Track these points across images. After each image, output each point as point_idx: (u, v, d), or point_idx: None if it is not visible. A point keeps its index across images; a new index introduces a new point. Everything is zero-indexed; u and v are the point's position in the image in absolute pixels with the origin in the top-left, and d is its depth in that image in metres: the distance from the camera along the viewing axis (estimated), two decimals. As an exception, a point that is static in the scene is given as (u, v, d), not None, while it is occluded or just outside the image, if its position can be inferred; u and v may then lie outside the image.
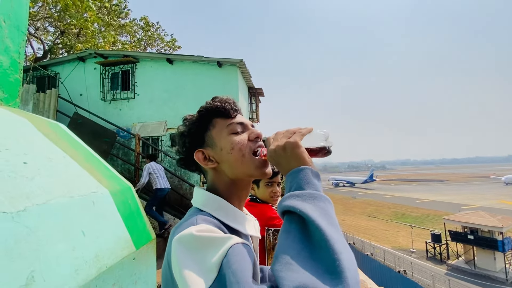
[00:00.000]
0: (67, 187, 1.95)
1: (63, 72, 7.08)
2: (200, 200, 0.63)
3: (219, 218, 0.58)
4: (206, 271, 0.41)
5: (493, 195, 50.14)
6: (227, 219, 0.60)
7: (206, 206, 0.61)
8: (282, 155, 0.53)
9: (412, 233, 25.54)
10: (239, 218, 0.63)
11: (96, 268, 1.85)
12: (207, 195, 0.63)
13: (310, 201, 0.44)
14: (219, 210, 0.61)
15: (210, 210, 0.60)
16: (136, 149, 5.39)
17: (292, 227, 0.42)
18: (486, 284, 16.66)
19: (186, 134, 0.68)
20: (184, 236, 0.47)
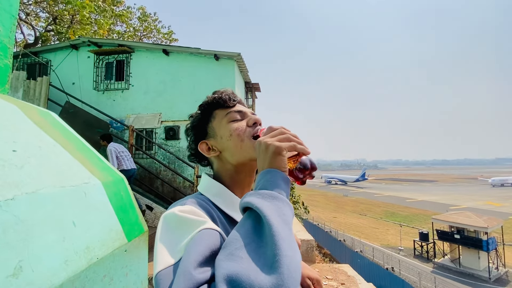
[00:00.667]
0: (58, 177, 1.91)
1: (55, 59, 6.89)
2: (202, 185, 0.67)
3: (216, 203, 0.61)
4: (176, 251, 0.45)
5: (480, 196, 51.41)
6: (224, 205, 0.62)
7: (206, 191, 0.65)
8: (263, 151, 0.53)
9: (401, 231, 26.04)
10: (236, 205, 0.64)
11: (86, 259, 1.83)
12: (209, 181, 0.67)
13: (269, 200, 0.44)
14: (217, 196, 0.63)
15: (209, 195, 0.63)
16: (129, 141, 5.31)
17: (247, 221, 0.43)
18: (470, 282, 17.16)
19: (190, 128, 0.74)
20: (168, 214, 0.52)
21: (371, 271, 15.94)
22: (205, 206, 0.56)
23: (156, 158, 5.74)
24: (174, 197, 5.82)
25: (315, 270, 0.69)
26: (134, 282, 2.44)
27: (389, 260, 16.67)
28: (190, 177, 5.75)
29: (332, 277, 4.47)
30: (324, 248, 22.22)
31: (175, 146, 6.24)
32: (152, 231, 4.63)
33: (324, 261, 18.09)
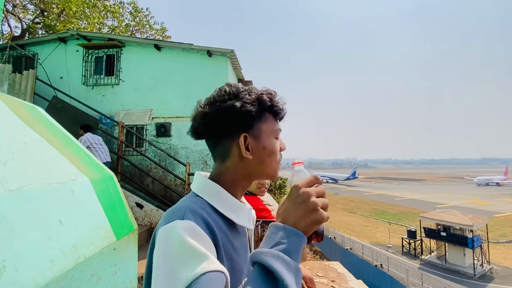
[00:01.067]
0: (44, 174, 1.85)
1: (42, 53, 6.68)
2: (197, 185, 0.64)
3: (213, 205, 0.59)
4: (174, 282, 0.44)
5: (466, 195, 52.90)
6: (221, 206, 0.60)
7: (202, 192, 0.61)
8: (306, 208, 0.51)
9: (390, 229, 26.56)
10: (234, 207, 0.63)
11: (73, 258, 1.78)
12: (204, 181, 0.63)
13: (294, 274, 0.45)
14: (215, 197, 0.61)
15: (205, 196, 0.60)
16: (119, 137, 5.21)
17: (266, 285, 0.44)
18: (455, 278, 17.67)
19: (239, 107, 0.60)
20: (170, 231, 0.49)
21: (361, 268, 16.23)
22: (205, 219, 0.53)
23: (147, 155, 5.66)
24: (164, 195, 5.75)
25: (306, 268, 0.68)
26: (123, 281, 2.40)
27: (378, 257, 16.99)
28: (181, 174, 5.70)
29: (323, 274, 4.52)
30: (315, 246, 22.47)
31: (166, 143, 6.16)
32: (141, 230, 4.57)
33: (315, 258, 18.30)
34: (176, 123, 6.17)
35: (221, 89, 0.64)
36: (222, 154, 0.64)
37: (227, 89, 0.63)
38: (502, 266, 20.13)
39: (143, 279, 2.22)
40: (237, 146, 0.61)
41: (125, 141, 5.90)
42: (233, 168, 0.64)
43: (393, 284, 13.66)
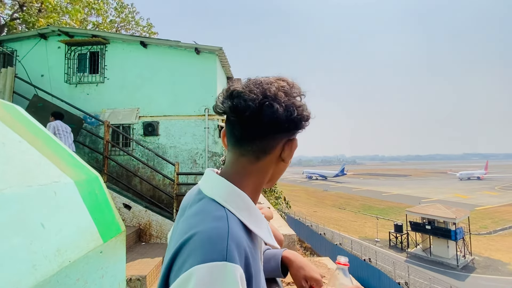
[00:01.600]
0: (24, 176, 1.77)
1: (21, 49, 6.39)
2: (221, 192, 0.55)
3: (242, 219, 0.52)
4: None
5: (449, 190, 54.84)
6: (250, 222, 0.54)
7: (229, 202, 0.53)
8: None
9: (378, 224, 27.20)
10: (260, 221, 0.57)
11: (57, 263, 1.71)
12: (232, 189, 0.55)
13: None
14: (244, 211, 0.54)
15: (234, 209, 0.53)
16: (105, 137, 5.07)
17: None
18: (440, 270, 18.31)
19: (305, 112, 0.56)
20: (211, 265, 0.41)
21: (350, 262, 16.45)
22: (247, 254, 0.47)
23: (134, 155, 5.54)
24: (153, 195, 5.65)
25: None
26: (110, 284, 2.34)
27: (366, 251, 17.37)
28: (170, 174, 5.61)
29: (313, 270, 4.57)
30: (305, 242, 22.75)
31: (154, 143, 6.04)
32: (129, 231, 4.47)
33: (305, 254, 18.51)
34: (164, 122, 6.06)
35: (293, 84, 0.58)
36: (262, 150, 0.56)
37: (296, 84, 0.58)
38: (483, 257, 21.04)
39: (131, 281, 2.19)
40: (281, 147, 0.57)
41: (111, 140, 5.75)
42: (264, 170, 0.58)
43: (381, 277, 14.02)
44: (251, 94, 0.53)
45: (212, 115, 5.98)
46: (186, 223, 0.51)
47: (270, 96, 0.53)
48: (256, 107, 0.52)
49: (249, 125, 0.54)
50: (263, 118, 0.53)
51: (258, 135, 0.55)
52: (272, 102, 0.52)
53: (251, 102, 0.52)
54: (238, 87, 0.55)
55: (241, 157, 0.57)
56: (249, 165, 0.57)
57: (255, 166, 0.57)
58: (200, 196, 0.56)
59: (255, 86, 0.54)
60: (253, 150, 0.56)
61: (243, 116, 0.53)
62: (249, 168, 0.57)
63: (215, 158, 5.91)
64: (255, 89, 0.54)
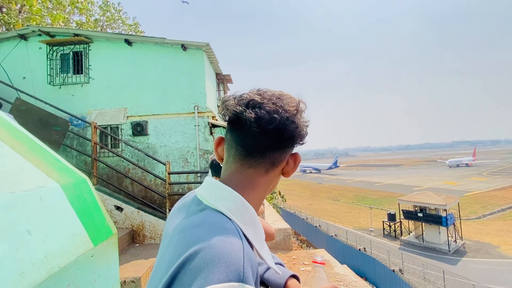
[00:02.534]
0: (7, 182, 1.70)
1: (1, 51, 6.13)
2: (228, 204, 0.51)
3: (248, 236, 0.49)
4: None
5: (439, 177, 56.16)
6: (255, 239, 0.51)
7: (236, 215, 0.50)
8: None
9: (371, 213, 27.70)
10: (263, 239, 0.54)
11: (46, 269, 1.67)
12: (241, 201, 0.52)
13: None
14: (250, 226, 0.51)
15: (240, 222, 0.49)
16: (92, 138, 4.96)
17: None
18: (432, 255, 18.82)
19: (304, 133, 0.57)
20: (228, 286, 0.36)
21: (346, 253, 16.84)
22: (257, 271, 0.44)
23: (124, 156, 5.45)
24: (145, 196, 5.59)
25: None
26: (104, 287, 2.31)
27: (361, 241, 17.67)
28: (161, 174, 5.55)
29: (309, 262, 4.62)
30: (300, 235, 22.99)
31: (143, 143, 5.95)
32: (122, 233, 4.41)
33: (301, 247, 18.72)
34: (153, 121, 5.96)
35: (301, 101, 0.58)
36: (271, 163, 0.55)
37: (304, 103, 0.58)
38: (473, 241, 21.72)
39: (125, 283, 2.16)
40: (286, 160, 0.58)
41: (100, 142, 5.64)
42: (269, 183, 0.58)
43: (376, 265, 14.33)
44: (274, 106, 0.52)
45: (202, 112, 5.91)
46: (185, 235, 0.45)
47: (290, 111, 0.53)
48: (281, 121, 0.51)
49: (268, 138, 0.52)
50: (285, 133, 0.52)
51: (273, 149, 0.54)
52: (293, 119, 0.53)
53: (276, 115, 0.51)
54: (256, 98, 0.53)
55: (249, 169, 0.55)
56: (258, 177, 0.55)
57: (263, 178, 0.56)
58: (201, 207, 0.52)
59: (276, 99, 0.53)
60: (264, 162, 0.55)
61: (267, 128, 0.51)
62: (257, 180, 0.55)
63: (206, 156, 5.87)
64: (277, 101, 0.53)
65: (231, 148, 0.56)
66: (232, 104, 0.54)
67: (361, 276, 13.25)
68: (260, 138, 0.52)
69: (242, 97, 0.55)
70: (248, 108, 0.52)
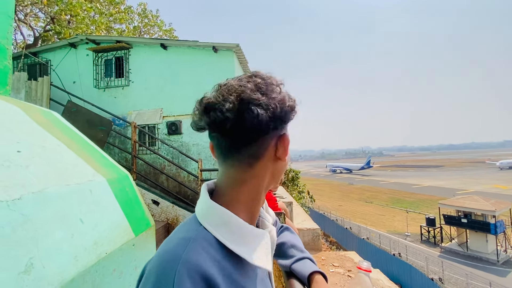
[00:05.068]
0: (63, 176, 1.93)
1: (55, 59, 6.89)
2: (200, 209, 0.53)
3: (219, 238, 0.48)
4: None
5: (487, 180, 51.03)
6: (230, 239, 0.48)
7: (206, 220, 0.50)
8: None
9: (407, 217, 26.09)
10: (247, 237, 0.51)
11: (95, 254, 1.87)
12: (208, 205, 0.52)
13: None
14: (222, 227, 0.49)
15: (210, 226, 0.49)
16: (132, 137, 5.35)
17: None
18: (478, 265, 17.22)
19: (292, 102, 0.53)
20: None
21: (378, 257, 16.08)
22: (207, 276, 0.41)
23: (160, 154, 5.79)
24: (179, 191, 5.88)
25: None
26: (143, 275, 2.50)
27: (395, 246, 16.77)
28: (194, 171, 5.80)
29: (339, 264, 4.52)
30: (330, 236, 22.42)
31: (177, 141, 6.27)
32: (158, 225, 4.69)
33: (331, 249, 18.29)
34: (186, 121, 6.25)
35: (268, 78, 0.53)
36: (252, 156, 0.52)
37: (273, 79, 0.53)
38: (528, 252, 19.45)
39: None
40: (273, 147, 0.54)
41: (138, 140, 6.05)
42: (260, 175, 0.54)
43: (412, 272, 13.49)
44: (226, 103, 0.49)
45: (232, 112, 6.08)
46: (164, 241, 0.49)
47: (246, 100, 0.48)
48: (235, 117, 0.48)
49: (233, 136, 0.50)
50: (245, 126, 0.49)
51: (245, 144, 0.51)
52: (251, 107, 0.48)
53: (229, 112, 0.48)
54: (211, 98, 0.52)
55: (231, 168, 0.54)
56: (242, 174, 0.53)
57: (248, 173, 0.53)
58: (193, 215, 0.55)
59: (228, 93, 0.50)
60: (243, 158, 0.52)
61: (224, 129, 0.50)
62: (241, 177, 0.53)
63: (236, 154, 6.02)
64: (229, 96, 0.49)
65: (216, 152, 0.56)
66: (195, 112, 0.55)
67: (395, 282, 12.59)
68: (226, 139, 0.51)
69: (202, 102, 0.54)
70: (204, 113, 0.52)
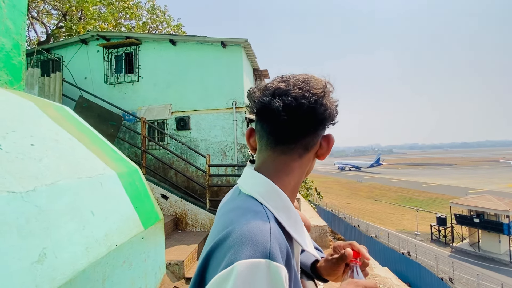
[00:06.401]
0: (75, 169, 1.97)
1: (67, 55, 7.02)
2: (260, 190, 0.53)
3: (280, 220, 0.50)
4: None
5: (501, 179, 49.59)
6: (289, 224, 0.52)
7: (268, 200, 0.52)
8: None
9: (417, 216, 25.67)
10: (300, 226, 0.55)
11: (106, 246, 1.91)
12: (272, 187, 0.53)
13: None
14: (283, 211, 0.52)
15: (272, 208, 0.51)
16: (142, 132, 5.42)
17: None
18: (490, 266, 16.84)
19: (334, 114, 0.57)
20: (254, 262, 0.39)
21: (387, 255, 15.91)
22: (288, 252, 0.45)
23: (169, 149, 5.85)
24: (187, 186, 5.94)
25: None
26: (152, 267, 2.54)
27: (405, 244, 16.54)
28: (202, 166, 5.84)
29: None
30: (338, 234, 22.30)
31: (186, 137, 6.32)
32: (167, 219, 4.75)
33: (338, 246, 18.17)
34: (195, 116, 6.29)
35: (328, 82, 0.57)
36: (304, 147, 0.56)
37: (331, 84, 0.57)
38: (543, 253, 18.87)
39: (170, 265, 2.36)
40: (319, 143, 0.57)
41: (148, 135, 6.12)
42: (304, 167, 0.58)
43: (421, 271, 13.30)
44: (300, 92, 0.52)
45: (240, 108, 6.06)
46: (223, 219, 0.51)
47: (317, 93, 0.53)
48: (309, 106, 0.52)
49: (298, 124, 0.53)
50: (314, 116, 0.53)
51: (303, 133, 0.54)
52: (321, 101, 0.53)
53: (304, 100, 0.52)
54: (281, 86, 0.54)
55: (282, 155, 0.56)
56: (292, 162, 0.56)
57: (297, 163, 0.56)
58: (239, 194, 0.57)
59: (302, 84, 0.53)
60: (296, 148, 0.55)
61: (296, 115, 0.52)
62: (291, 166, 0.56)
63: (243, 150, 6.02)
64: (303, 86, 0.53)
65: (262, 138, 0.57)
66: (258, 96, 0.55)
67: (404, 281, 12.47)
68: (291, 125, 0.53)
69: (267, 87, 0.55)
70: (275, 97, 0.53)
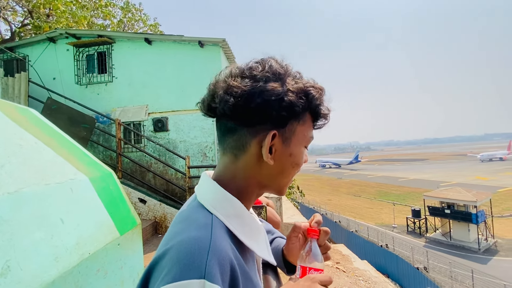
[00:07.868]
0: (41, 175, 1.85)
1: (33, 54, 6.60)
2: (210, 198, 0.49)
3: (232, 229, 0.46)
4: None
5: (469, 172, 53.06)
6: (242, 232, 0.47)
7: (218, 208, 0.47)
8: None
9: (394, 210, 26.84)
10: (255, 231, 0.51)
11: (77, 255, 1.81)
12: (222, 194, 0.49)
13: None
14: (235, 218, 0.47)
15: (222, 216, 0.46)
16: (117, 135, 5.22)
17: None
18: (460, 254, 17.96)
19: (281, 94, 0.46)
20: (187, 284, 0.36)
21: (367, 249, 16.51)
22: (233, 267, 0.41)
23: (146, 151, 5.69)
24: (166, 189, 5.80)
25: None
26: (130, 274, 2.45)
27: (383, 237, 17.23)
28: (181, 168, 5.73)
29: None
30: (320, 230, 22.79)
31: (164, 138, 6.16)
32: (145, 224, 4.62)
33: (320, 242, 18.60)
34: (173, 117, 6.15)
35: (265, 62, 0.48)
36: (236, 146, 0.49)
37: (274, 65, 0.48)
38: (506, 239, 20.41)
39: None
40: (257, 143, 0.48)
41: (123, 138, 5.91)
42: (245, 170, 0.50)
43: (399, 262, 13.93)
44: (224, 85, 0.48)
45: (220, 108, 6.02)
46: (171, 230, 0.46)
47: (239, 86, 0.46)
48: (222, 99, 0.47)
49: (225, 120, 0.49)
50: (224, 107, 0.47)
51: (230, 127, 0.49)
52: (235, 90, 0.46)
53: (216, 92, 0.49)
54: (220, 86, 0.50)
55: (223, 157, 0.52)
56: (230, 164, 0.51)
57: (235, 165, 0.50)
58: (194, 202, 0.51)
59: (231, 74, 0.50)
60: (230, 145, 0.50)
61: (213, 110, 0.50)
62: (230, 167, 0.51)
63: (225, 151, 5.99)
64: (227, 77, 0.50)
65: None
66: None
67: (382, 273, 12.96)
68: (222, 123, 0.50)
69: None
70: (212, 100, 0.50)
